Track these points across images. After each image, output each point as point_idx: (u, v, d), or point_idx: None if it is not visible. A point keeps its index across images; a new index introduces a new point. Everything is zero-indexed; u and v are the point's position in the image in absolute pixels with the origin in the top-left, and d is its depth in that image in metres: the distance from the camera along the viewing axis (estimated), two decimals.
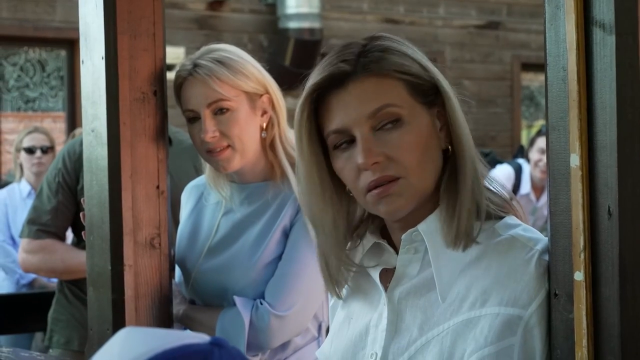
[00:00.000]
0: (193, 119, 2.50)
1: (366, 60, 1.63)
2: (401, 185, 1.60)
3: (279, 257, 2.51)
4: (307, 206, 1.70)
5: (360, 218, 1.77)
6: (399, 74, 1.63)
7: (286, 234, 2.52)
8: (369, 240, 1.74)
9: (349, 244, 1.74)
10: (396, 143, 1.60)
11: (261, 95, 2.53)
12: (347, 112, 1.62)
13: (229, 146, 2.48)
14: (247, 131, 2.50)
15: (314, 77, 1.66)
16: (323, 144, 1.68)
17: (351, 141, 1.63)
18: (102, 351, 1.04)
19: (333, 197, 1.68)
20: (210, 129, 2.45)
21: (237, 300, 2.46)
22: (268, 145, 2.56)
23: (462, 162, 1.66)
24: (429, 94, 1.65)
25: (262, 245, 2.50)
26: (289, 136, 2.57)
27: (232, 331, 2.45)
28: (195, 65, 2.49)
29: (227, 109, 2.47)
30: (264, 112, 2.54)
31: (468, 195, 1.64)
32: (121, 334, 1.05)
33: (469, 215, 1.63)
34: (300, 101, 1.66)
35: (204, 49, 2.55)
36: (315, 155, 1.66)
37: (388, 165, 1.60)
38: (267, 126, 2.55)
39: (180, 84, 2.51)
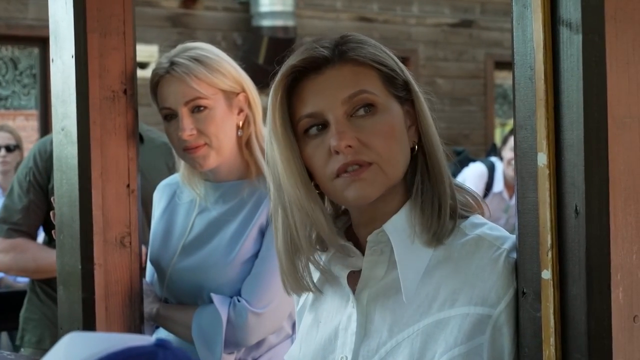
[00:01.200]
0: (170, 116, 2.51)
1: (344, 48, 1.65)
2: (373, 171, 1.60)
3: (256, 255, 2.52)
4: (289, 191, 1.65)
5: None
6: (375, 64, 1.65)
7: (262, 232, 2.52)
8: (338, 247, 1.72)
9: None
10: (370, 129, 1.61)
11: (238, 94, 2.54)
12: (322, 96, 1.62)
13: (205, 144, 2.49)
14: (224, 129, 2.51)
15: (291, 60, 1.65)
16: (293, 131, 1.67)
17: (323, 127, 1.63)
18: (48, 357, 1.04)
19: (310, 186, 1.66)
20: (187, 127, 2.46)
21: (215, 297, 2.46)
22: (244, 144, 2.57)
23: (433, 161, 1.67)
24: (400, 89, 1.67)
25: (238, 243, 2.51)
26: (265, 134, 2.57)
27: (209, 328, 2.45)
28: (172, 64, 2.49)
29: (205, 107, 2.48)
30: (240, 111, 2.55)
31: (441, 194, 1.65)
32: (65, 339, 1.05)
33: (443, 214, 1.64)
34: (274, 84, 1.65)
35: (180, 47, 2.55)
36: (290, 140, 1.64)
37: (361, 149, 1.60)
38: (243, 124, 2.56)
39: (157, 82, 2.52)
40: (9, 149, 6.29)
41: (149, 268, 2.71)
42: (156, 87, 2.53)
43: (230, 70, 2.54)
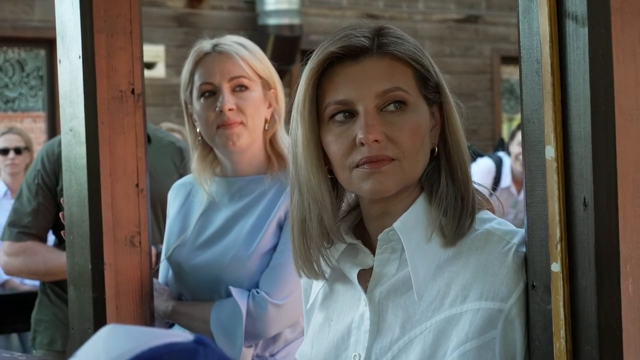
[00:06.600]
0: (208, 93, 2.56)
1: (384, 40, 1.65)
2: (394, 166, 1.61)
3: (274, 249, 2.53)
4: (304, 173, 1.67)
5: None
6: (412, 62, 1.66)
7: (280, 226, 2.54)
8: (342, 242, 1.72)
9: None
10: (398, 126, 1.62)
11: (270, 88, 2.61)
12: (356, 86, 1.62)
13: (242, 122, 2.54)
14: (259, 114, 2.58)
15: (330, 46, 1.65)
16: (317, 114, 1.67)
17: (350, 115, 1.63)
18: (86, 348, 1.04)
19: (324, 171, 1.67)
20: (229, 101, 2.52)
21: (233, 290, 2.48)
22: (268, 139, 2.62)
23: (460, 164, 1.68)
24: (432, 91, 1.68)
25: (257, 237, 2.53)
26: (283, 135, 2.61)
27: (228, 321, 2.46)
28: (218, 44, 2.57)
29: (246, 88, 2.56)
30: (270, 105, 2.61)
31: (465, 196, 1.65)
32: (104, 331, 1.05)
33: (465, 216, 1.64)
34: (309, 66, 1.66)
35: (218, 38, 2.62)
36: (313, 122, 1.66)
37: (387, 145, 1.60)
38: (270, 119, 2.61)
39: (199, 59, 2.57)
40: (18, 151, 6.32)
41: (163, 267, 2.71)
42: (196, 65, 2.58)
43: (268, 64, 2.62)
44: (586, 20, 1.42)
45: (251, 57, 2.57)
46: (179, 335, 1.03)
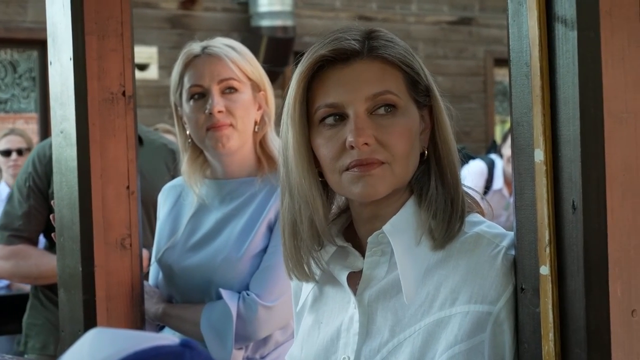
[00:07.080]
0: (197, 95, 2.56)
1: (374, 44, 1.65)
2: (384, 169, 1.61)
3: (264, 251, 2.54)
4: (295, 176, 1.67)
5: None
6: (403, 65, 1.66)
7: (271, 229, 2.55)
8: (332, 245, 1.73)
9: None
10: (388, 129, 1.62)
11: (260, 90, 2.61)
12: (346, 89, 1.63)
13: (231, 125, 2.54)
14: (248, 117, 2.58)
15: (320, 49, 1.65)
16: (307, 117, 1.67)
17: (341, 119, 1.63)
18: (72, 352, 1.04)
19: (315, 174, 1.68)
20: (219, 103, 2.52)
21: (224, 292, 2.48)
22: (258, 141, 2.62)
23: (450, 167, 1.68)
24: (422, 94, 1.68)
25: (248, 239, 2.53)
26: (273, 137, 2.61)
27: (218, 323, 2.46)
28: (207, 47, 2.58)
29: (236, 90, 2.56)
30: (260, 107, 2.62)
31: (455, 199, 1.66)
32: (90, 334, 1.05)
33: (454, 219, 1.64)
34: (299, 69, 1.66)
35: (208, 40, 2.63)
36: (303, 126, 1.65)
37: (377, 148, 1.61)
38: (260, 121, 2.62)
39: (189, 61, 2.58)
40: (20, 152, 6.33)
41: (153, 269, 2.71)
42: (186, 68, 2.58)
43: (257, 66, 2.63)
44: (575, 23, 1.42)
45: (240, 59, 2.58)
46: (166, 338, 1.03)
